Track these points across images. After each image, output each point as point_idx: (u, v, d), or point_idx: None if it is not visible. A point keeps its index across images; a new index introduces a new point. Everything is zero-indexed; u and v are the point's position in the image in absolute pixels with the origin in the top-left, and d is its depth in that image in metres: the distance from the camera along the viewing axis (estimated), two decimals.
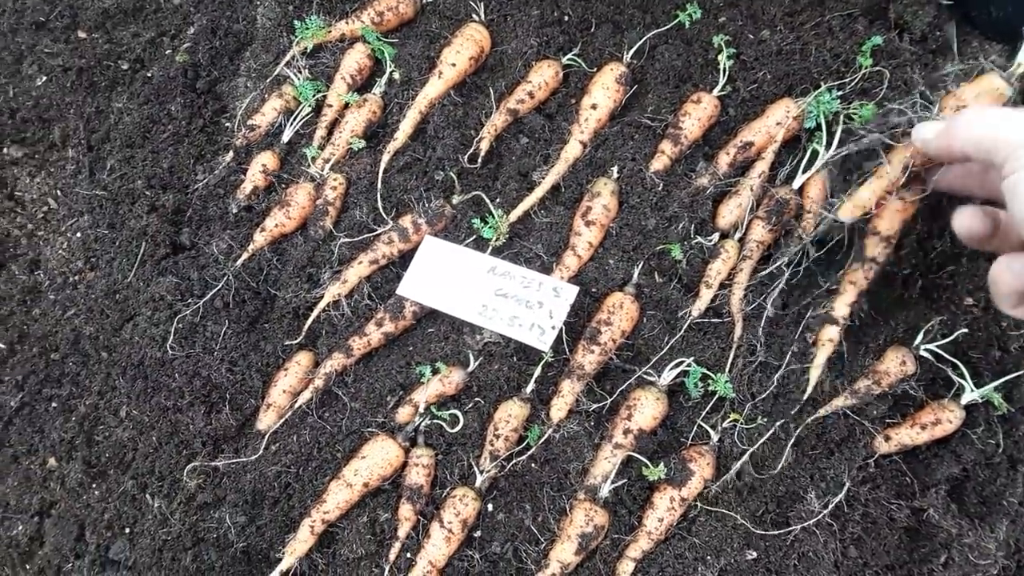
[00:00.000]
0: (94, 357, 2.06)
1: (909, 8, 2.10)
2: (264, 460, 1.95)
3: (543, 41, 2.30)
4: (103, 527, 1.91)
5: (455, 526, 1.83)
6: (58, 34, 2.37)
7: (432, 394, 1.95)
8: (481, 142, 2.16)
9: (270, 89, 2.31)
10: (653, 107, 2.19)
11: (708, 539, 1.82)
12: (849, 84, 2.09)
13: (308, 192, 2.17)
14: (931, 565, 1.79)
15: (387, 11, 2.34)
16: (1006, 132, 0.91)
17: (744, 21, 2.26)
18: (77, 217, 2.18)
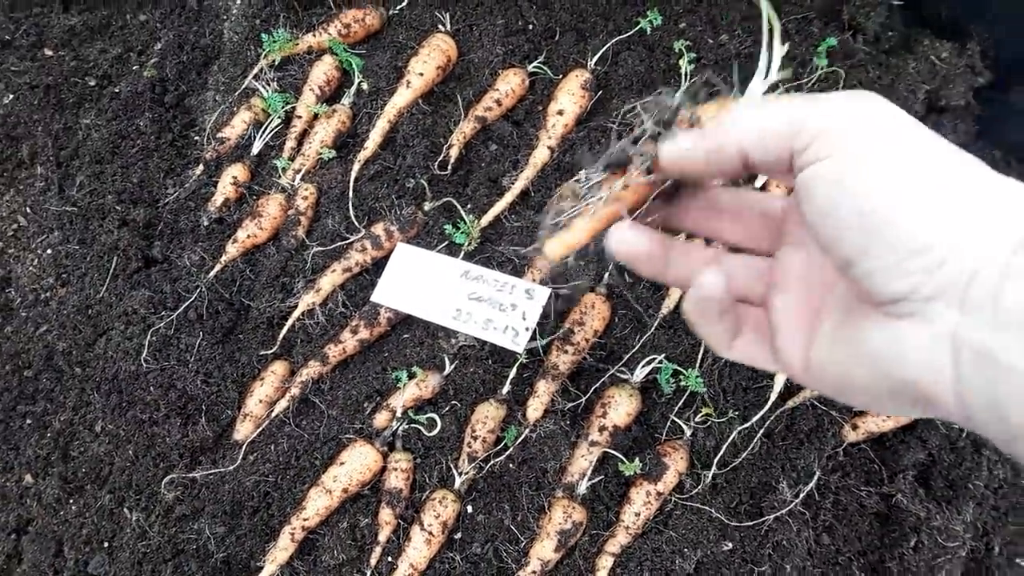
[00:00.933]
0: (68, 373, 2.05)
1: (862, 10, 2.17)
2: (242, 470, 1.95)
3: (509, 50, 2.34)
4: (81, 542, 1.89)
5: (435, 528, 1.84)
6: (24, 52, 2.36)
7: (409, 398, 1.97)
8: (451, 149, 2.19)
9: (239, 102, 2.33)
10: (618, 112, 2.23)
11: (685, 532, 1.85)
12: (806, 85, 2.15)
13: (279, 203, 2.18)
14: (902, 549, 1.83)
15: (354, 23, 2.37)
16: (811, 116, 0.72)
17: (703, 26, 2.32)
18: (47, 234, 2.17)
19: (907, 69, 2.13)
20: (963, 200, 0.66)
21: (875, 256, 0.68)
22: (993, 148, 2.21)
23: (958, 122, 2.15)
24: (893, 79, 2.13)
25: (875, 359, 0.72)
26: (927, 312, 0.66)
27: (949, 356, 0.66)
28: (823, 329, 0.82)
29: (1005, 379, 0.62)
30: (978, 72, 2.13)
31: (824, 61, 2.13)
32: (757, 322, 0.91)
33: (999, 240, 0.64)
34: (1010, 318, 0.62)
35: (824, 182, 0.71)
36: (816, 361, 0.83)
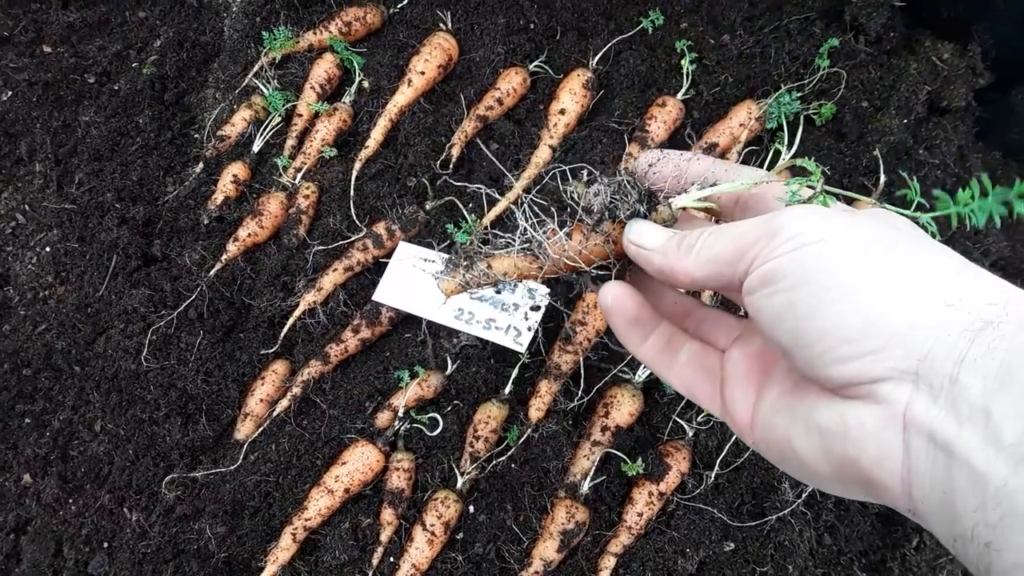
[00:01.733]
0: (67, 372, 2.04)
1: (864, 11, 2.17)
2: (243, 470, 1.94)
3: (510, 49, 2.34)
4: (81, 542, 1.88)
5: (437, 528, 1.84)
6: (23, 48, 2.34)
7: (411, 398, 1.97)
8: (452, 148, 2.19)
9: (239, 100, 2.31)
10: (620, 111, 2.23)
11: (687, 532, 1.85)
12: (808, 85, 2.16)
13: (280, 201, 2.17)
14: (903, 549, 1.84)
15: (355, 21, 2.36)
16: (751, 247, 0.72)
17: (705, 27, 2.32)
18: (46, 231, 2.15)
19: (908, 70, 2.13)
20: (899, 290, 0.64)
21: (804, 345, 0.68)
22: (993, 149, 2.22)
23: (958, 123, 2.15)
24: (894, 80, 2.13)
25: (819, 432, 0.70)
26: (875, 393, 0.64)
27: (899, 439, 0.63)
28: (771, 392, 0.81)
29: (960, 472, 0.59)
30: (979, 73, 2.13)
31: (826, 62, 2.14)
32: (710, 365, 0.90)
33: (952, 323, 0.62)
34: (972, 412, 0.59)
35: (769, 309, 0.72)
36: (760, 422, 0.81)
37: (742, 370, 0.86)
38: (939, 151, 2.12)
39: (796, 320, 0.68)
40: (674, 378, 0.91)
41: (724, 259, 0.75)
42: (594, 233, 0.89)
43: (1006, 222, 2.13)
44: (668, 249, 0.81)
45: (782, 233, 0.70)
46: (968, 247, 2.07)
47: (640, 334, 0.90)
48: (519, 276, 0.94)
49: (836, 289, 0.66)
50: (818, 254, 0.68)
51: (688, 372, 0.91)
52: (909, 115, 2.11)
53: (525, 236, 0.92)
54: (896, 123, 2.09)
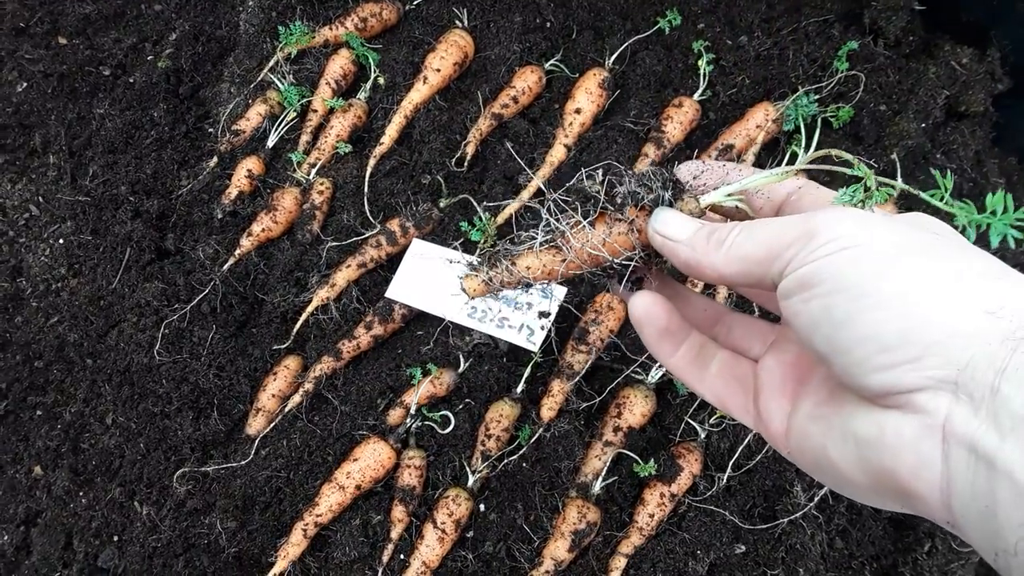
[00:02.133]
0: (79, 364, 2.03)
1: (883, 14, 2.16)
2: (254, 465, 1.94)
3: (526, 47, 2.34)
4: (91, 535, 1.88)
5: (448, 526, 1.83)
6: (38, 40, 2.34)
7: (423, 395, 1.96)
8: (467, 146, 2.18)
9: (254, 94, 2.31)
10: (636, 111, 2.22)
11: (698, 534, 1.84)
12: (826, 88, 2.15)
13: (295, 196, 2.17)
14: (915, 554, 1.83)
15: (371, 17, 2.36)
16: (786, 247, 0.71)
17: (722, 27, 2.31)
18: (59, 223, 2.15)
19: (927, 74, 2.12)
20: (938, 296, 0.62)
21: (842, 352, 0.66)
22: (1010, 155, 2.21)
23: (976, 128, 2.14)
24: (913, 84, 2.12)
25: (855, 441, 0.69)
26: (915, 403, 0.63)
27: (938, 450, 0.61)
28: (807, 401, 0.80)
29: (1002, 486, 0.57)
30: (997, 78, 2.12)
31: (844, 64, 2.13)
32: (742, 374, 0.88)
33: (992, 332, 0.60)
34: (1014, 424, 0.57)
35: (806, 314, 0.70)
36: (796, 431, 0.80)
37: (777, 379, 0.85)
38: (956, 156, 2.11)
39: (833, 327, 0.67)
40: (706, 389, 0.89)
41: (756, 258, 0.73)
42: (618, 221, 0.86)
43: None
44: (696, 242, 0.80)
45: (819, 236, 0.68)
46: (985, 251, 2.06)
47: (671, 344, 0.88)
48: (545, 274, 0.90)
49: (875, 296, 0.64)
50: (856, 259, 0.66)
51: (720, 382, 0.89)
52: (927, 119, 2.10)
53: (548, 228, 0.90)
54: (914, 127, 2.08)
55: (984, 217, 0.75)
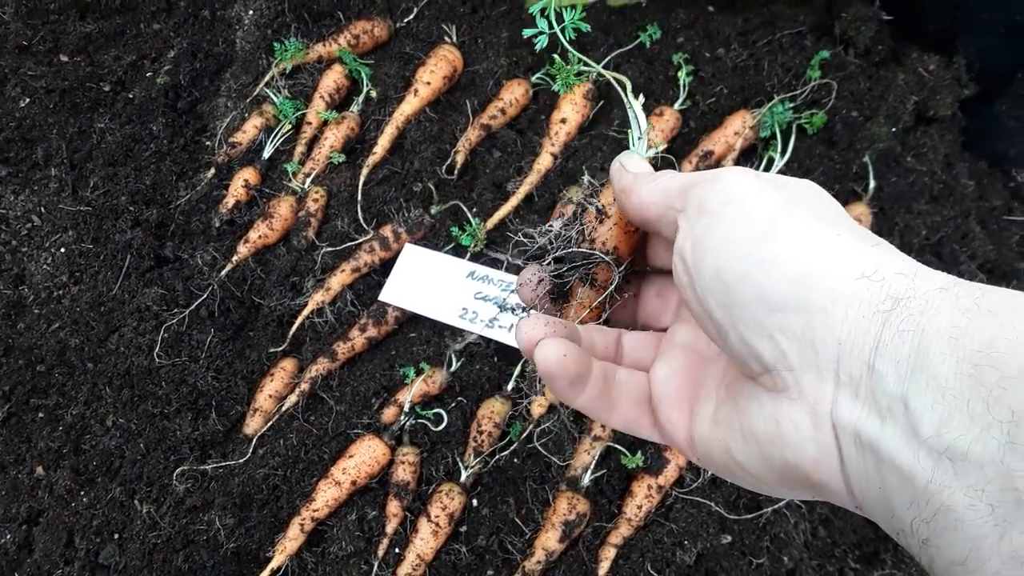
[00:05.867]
0: (80, 368, 2.08)
1: (853, 24, 2.26)
2: (252, 463, 1.99)
3: (513, 61, 2.43)
4: (92, 533, 1.92)
5: (442, 520, 1.88)
6: (41, 57, 2.42)
7: (416, 394, 2.02)
8: (457, 155, 2.26)
9: (250, 108, 2.39)
10: (619, 121, 2.31)
11: (685, 525, 1.90)
12: (800, 96, 2.24)
13: (290, 204, 2.24)
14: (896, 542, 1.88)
15: (363, 34, 2.45)
16: (681, 185, 0.74)
17: (701, 40, 2.41)
18: (61, 233, 2.21)
19: (896, 81, 2.22)
20: (823, 258, 0.62)
21: (738, 317, 0.65)
22: (979, 159, 2.30)
23: (945, 132, 2.24)
24: (883, 90, 2.22)
25: (756, 439, 0.68)
26: (802, 385, 0.62)
27: (831, 438, 0.61)
28: (705, 406, 0.79)
29: (889, 471, 0.57)
30: (964, 84, 2.22)
31: (817, 73, 2.22)
32: (641, 390, 0.86)
33: (866, 300, 0.60)
34: (891, 403, 0.57)
35: (690, 242, 0.70)
36: (700, 438, 0.78)
37: (673, 388, 0.84)
38: (926, 159, 2.20)
39: (726, 288, 0.66)
40: (615, 419, 0.86)
41: (672, 191, 0.76)
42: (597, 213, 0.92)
43: (991, 226, 2.21)
44: (640, 175, 0.83)
45: (723, 179, 0.72)
46: (955, 250, 2.15)
47: (581, 387, 0.82)
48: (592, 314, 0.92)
49: (763, 254, 0.64)
50: (754, 204, 0.68)
51: (627, 408, 0.85)
52: (897, 124, 2.20)
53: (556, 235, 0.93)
54: (885, 131, 2.17)
55: None
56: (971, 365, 0.53)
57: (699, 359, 0.84)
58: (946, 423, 0.53)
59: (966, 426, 0.52)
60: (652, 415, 0.85)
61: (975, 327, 0.55)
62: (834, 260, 0.62)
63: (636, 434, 0.87)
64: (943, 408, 0.54)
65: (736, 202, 0.69)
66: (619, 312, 0.95)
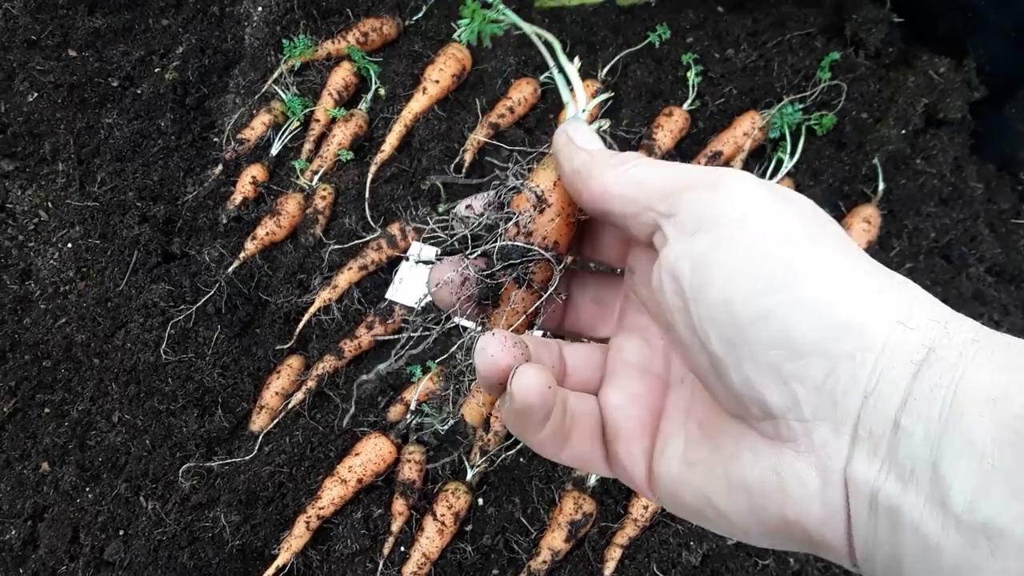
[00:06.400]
0: (86, 363, 2.08)
1: (863, 26, 2.26)
2: (258, 460, 1.98)
3: (521, 60, 2.42)
4: (97, 529, 1.92)
5: (448, 519, 1.88)
6: (49, 52, 2.42)
7: (423, 393, 2.01)
8: (465, 154, 2.26)
9: (258, 105, 2.39)
10: (628, 120, 2.31)
11: (691, 526, 1.89)
12: (810, 97, 2.24)
13: (298, 202, 2.24)
14: None
15: (371, 32, 2.44)
16: (681, 180, 0.63)
17: (710, 41, 2.41)
18: (68, 228, 2.21)
19: (906, 83, 2.21)
20: (855, 300, 0.55)
21: (746, 356, 0.57)
22: (988, 162, 2.29)
23: (954, 135, 2.23)
24: (893, 92, 2.21)
25: (747, 490, 0.60)
26: (813, 438, 0.55)
27: (841, 497, 0.55)
28: (672, 443, 0.69)
29: (910, 539, 0.51)
30: (974, 87, 2.22)
31: (827, 75, 2.22)
32: (594, 420, 0.73)
33: (898, 349, 0.53)
34: (915, 466, 0.51)
35: (689, 261, 0.60)
36: (666, 479, 0.68)
37: (630, 418, 0.72)
38: (936, 161, 2.20)
39: (734, 321, 0.57)
40: (566, 455, 0.72)
41: (651, 187, 0.64)
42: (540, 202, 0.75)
43: (999, 229, 2.21)
44: (597, 153, 0.70)
45: (725, 188, 0.61)
46: (964, 252, 2.14)
47: (546, 422, 0.67)
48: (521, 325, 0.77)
49: (796, 282, 0.56)
50: (770, 225, 0.59)
51: (580, 442, 0.72)
52: (907, 126, 2.19)
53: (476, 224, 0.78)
54: (894, 133, 2.17)
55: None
56: (1013, 432, 0.48)
57: (658, 384, 0.73)
58: (983, 496, 0.48)
59: (1006, 501, 0.47)
60: (605, 448, 0.73)
61: (1016, 388, 0.49)
62: (866, 303, 0.55)
63: (589, 470, 0.76)
64: (979, 478, 0.48)
65: (749, 220, 0.59)
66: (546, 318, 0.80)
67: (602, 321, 0.81)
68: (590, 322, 0.82)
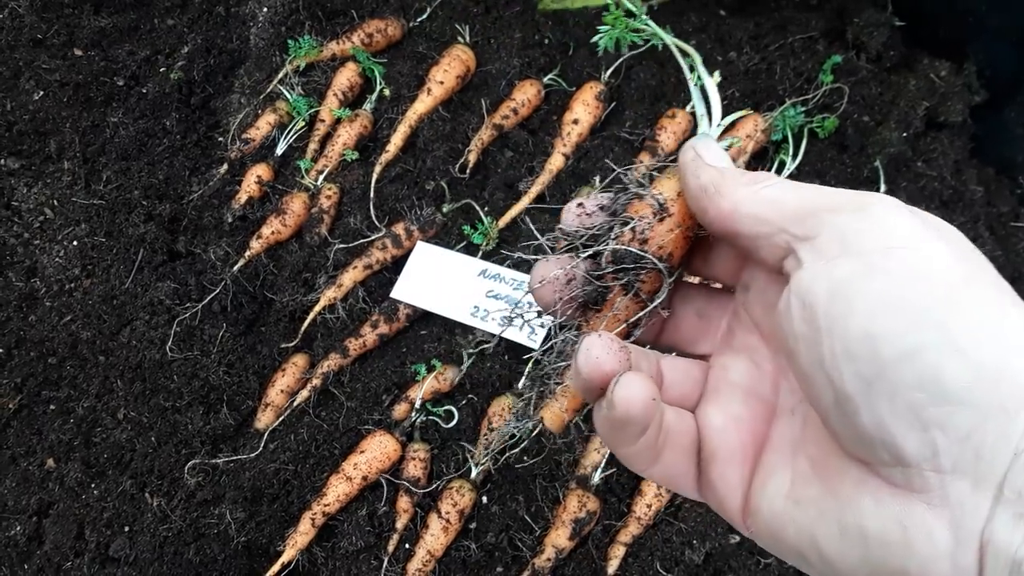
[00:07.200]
0: (92, 361, 2.09)
1: (865, 30, 2.28)
2: (263, 458, 1.99)
3: (525, 62, 2.44)
4: (102, 525, 1.92)
5: (452, 516, 1.89)
6: (55, 51, 2.43)
7: (427, 391, 2.03)
8: (469, 154, 2.27)
9: (264, 105, 2.40)
10: (631, 122, 2.32)
11: (694, 524, 1.91)
12: (812, 100, 2.25)
13: (303, 201, 2.25)
14: None
15: (376, 33, 2.46)
16: (823, 202, 0.59)
17: (713, 44, 2.42)
18: (74, 226, 2.22)
19: (907, 86, 2.23)
20: (1012, 343, 0.51)
21: (884, 397, 0.53)
22: (988, 165, 2.32)
23: (955, 138, 2.25)
24: (894, 95, 2.23)
25: (864, 539, 0.56)
26: (948, 492, 0.51)
27: (974, 560, 0.50)
28: (776, 476, 0.65)
29: None
30: (974, 90, 2.24)
31: (829, 78, 2.24)
32: (690, 438, 0.70)
33: None
34: None
35: (827, 288, 0.56)
36: (766, 514, 0.64)
37: (731, 441, 0.68)
38: (936, 164, 2.22)
39: (865, 337, 0.53)
40: (656, 471, 0.70)
41: (787, 207, 0.61)
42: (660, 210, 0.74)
43: (999, 232, 2.23)
44: (727, 171, 0.67)
45: (875, 212, 0.58)
46: None
47: (643, 434, 0.65)
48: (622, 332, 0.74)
49: (952, 322, 0.52)
50: (925, 257, 0.55)
51: (672, 459, 0.69)
52: (908, 129, 2.21)
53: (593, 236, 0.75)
54: (896, 136, 2.19)
55: None
56: None
57: (764, 409, 0.69)
58: None
59: None
60: (697, 469, 0.70)
61: None
62: (1019, 349, 0.51)
63: (676, 490, 0.72)
64: None
65: (898, 250, 0.55)
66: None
67: (704, 337, 0.78)
68: (690, 336, 0.79)
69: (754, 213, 0.63)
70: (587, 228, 0.76)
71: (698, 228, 0.75)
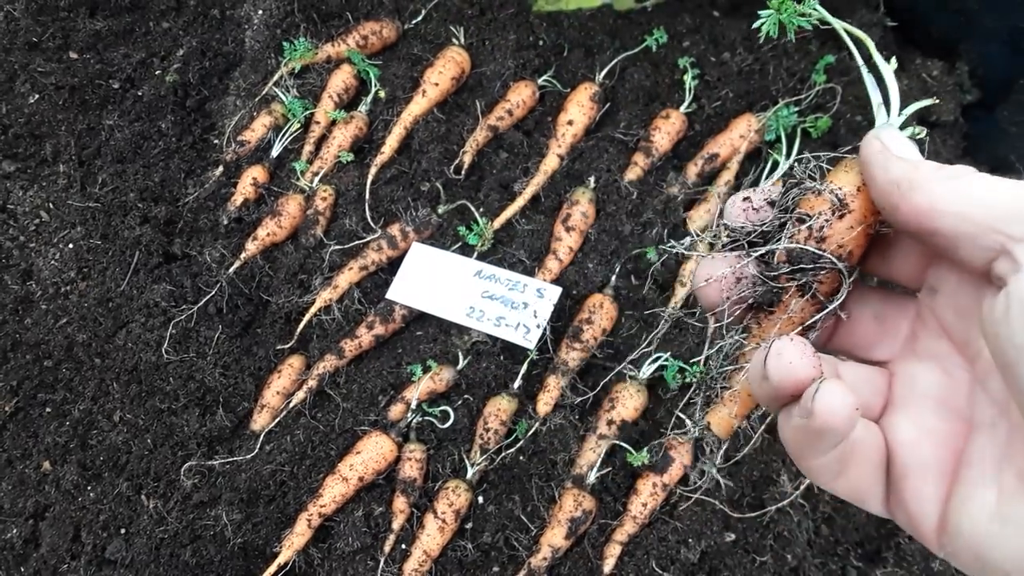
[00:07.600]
0: (87, 363, 2.09)
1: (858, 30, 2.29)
2: (259, 459, 1.99)
3: (520, 63, 2.45)
4: (99, 528, 1.92)
5: (448, 516, 1.89)
6: (51, 54, 2.43)
7: (423, 391, 2.03)
8: (464, 156, 2.28)
9: (259, 107, 2.40)
10: (625, 123, 2.33)
11: (689, 523, 1.91)
12: (805, 100, 2.27)
13: (299, 203, 2.26)
14: (898, 539, 1.91)
15: (371, 35, 2.47)
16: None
17: (706, 45, 2.44)
18: (69, 229, 2.22)
19: (900, 86, 2.24)
20: None
21: None
22: (981, 164, 2.32)
23: (947, 137, 2.26)
24: None
25: None
26: None
27: None
28: (978, 493, 0.60)
29: None
30: (966, 90, 2.25)
31: (822, 77, 2.25)
32: (879, 451, 0.66)
33: None
34: None
35: None
36: (968, 532, 0.59)
37: (926, 456, 0.64)
38: None
39: None
40: (840, 485, 0.66)
41: (1000, 205, 0.56)
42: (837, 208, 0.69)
43: None
44: (921, 164, 0.62)
45: None
46: None
47: (835, 446, 0.63)
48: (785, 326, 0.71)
49: None
50: None
51: (859, 473, 0.66)
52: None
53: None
54: None
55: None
56: None
57: (959, 421, 0.64)
58: None
59: None
60: (886, 485, 0.66)
61: None
62: None
63: (861, 505, 0.68)
64: None
65: None
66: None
67: (882, 341, 0.73)
68: (867, 341, 0.74)
69: (956, 211, 0.58)
70: (755, 224, 0.72)
71: (882, 225, 0.71)
